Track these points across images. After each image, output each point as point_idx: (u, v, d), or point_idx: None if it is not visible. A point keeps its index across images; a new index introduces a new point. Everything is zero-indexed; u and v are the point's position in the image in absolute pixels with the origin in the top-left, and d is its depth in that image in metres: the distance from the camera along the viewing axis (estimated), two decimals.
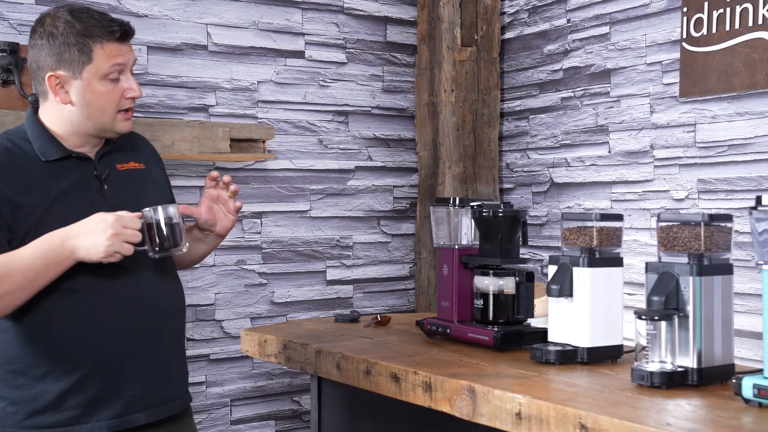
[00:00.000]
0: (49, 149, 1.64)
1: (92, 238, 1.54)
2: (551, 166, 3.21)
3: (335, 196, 3.26)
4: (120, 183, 1.71)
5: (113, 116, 1.66)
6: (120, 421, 1.62)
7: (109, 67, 1.63)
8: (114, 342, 1.61)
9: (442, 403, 1.73)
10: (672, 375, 1.61)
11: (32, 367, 1.59)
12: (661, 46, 2.82)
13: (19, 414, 1.59)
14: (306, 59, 3.18)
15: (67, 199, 1.62)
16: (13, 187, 1.58)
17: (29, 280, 1.53)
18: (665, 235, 1.71)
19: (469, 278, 2.12)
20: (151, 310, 1.67)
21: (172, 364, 1.72)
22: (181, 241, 1.63)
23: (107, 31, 1.62)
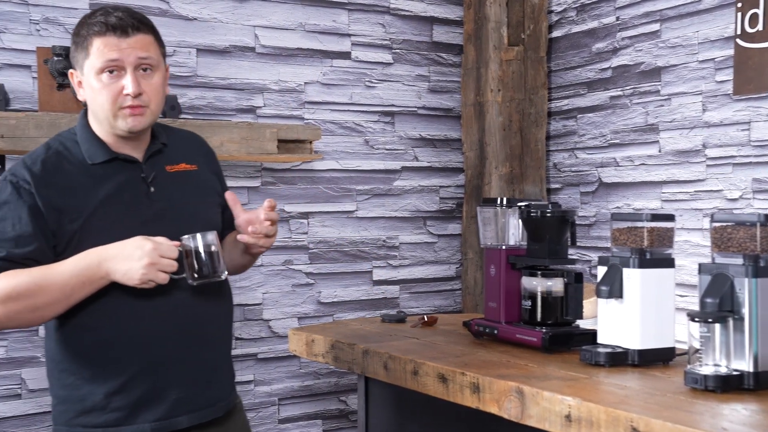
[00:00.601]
0: (95, 152, 1.64)
1: (128, 264, 1.54)
2: (600, 166, 3.17)
3: (381, 197, 3.27)
4: (168, 185, 1.69)
5: (113, 113, 1.60)
6: (163, 424, 1.63)
7: (102, 63, 1.58)
8: (158, 347, 1.62)
9: (490, 405, 1.72)
10: (727, 378, 1.57)
11: (81, 368, 1.61)
12: (713, 42, 2.76)
13: (69, 413, 1.63)
14: (352, 60, 3.19)
15: (112, 203, 1.61)
16: (58, 192, 1.58)
17: (65, 295, 1.55)
18: (719, 235, 1.67)
19: (516, 279, 2.10)
20: (196, 314, 1.67)
21: (216, 368, 1.72)
22: (219, 268, 1.61)
23: (100, 25, 1.58)
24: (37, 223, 1.56)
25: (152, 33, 1.65)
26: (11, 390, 2.60)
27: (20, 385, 2.61)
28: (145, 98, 1.62)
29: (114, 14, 1.59)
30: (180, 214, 1.68)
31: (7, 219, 1.57)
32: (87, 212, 1.59)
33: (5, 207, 1.58)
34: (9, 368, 2.60)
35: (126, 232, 1.59)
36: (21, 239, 1.55)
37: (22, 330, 2.61)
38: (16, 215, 1.56)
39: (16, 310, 1.52)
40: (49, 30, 2.66)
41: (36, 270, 1.54)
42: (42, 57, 2.55)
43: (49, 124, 2.44)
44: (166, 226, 1.64)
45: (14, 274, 1.54)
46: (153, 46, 1.64)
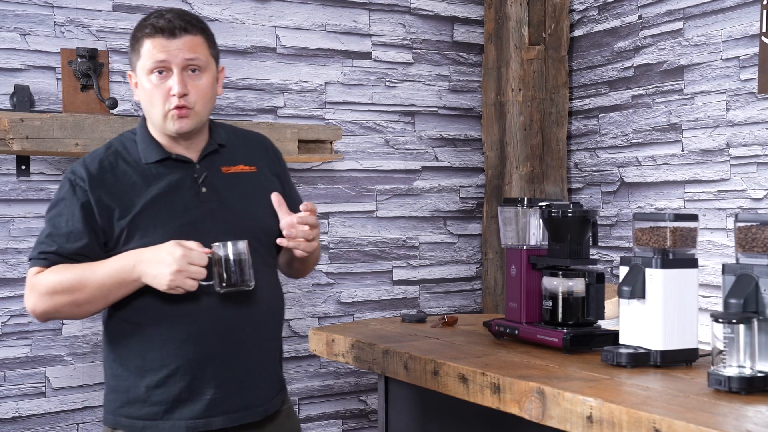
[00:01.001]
0: (150, 152, 1.68)
1: (158, 269, 1.56)
2: (621, 166, 3.14)
3: (402, 197, 3.27)
4: (222, 187, 1.70)
5: (162, 114, 1.64)
6: (198, 423, 1.65)
7: (150, 63, 1.62)
8: (197, 346, 1.64)
9: (510, 405, 1.71)
10: (751, 380, 1.55)
11: (127, 360, 1.66)
12: (738, 41, 2.73)
13: (116, 402, 1.68)
14: (373, 60, 3.20)
15: (160, 202, 1.64)
16: (110, 191, 1.63)
17: (103, 294, 1.60)
18: (743, 235, 1.66)
19: (537, 279, 2.09)
20: (238, 317, 1.67)
21: (251, 372, 1.71)
22: (248, 278, 1.62)
23: (150, 27, 1.62)
24: (87, 220, 1.62)
25: (202, 34, 1.67)
26: (35, 388, 2.63)
27: (44, 384, 2.65)
28: (191, 99, 1.64)
29: (165, 16, 1.63)
30: (230, 216, 1.68)
31: (62, 215, 1.63)
32: (135, 210, 1.62)
33: (62, 203, 1.64)
34: (33, 366, 2.63)
35: (172, 231, 1.61)
36: (72, 235, 1.61)
37: (46, 328, 2.64)
38: (70, 212, 1.62)
39: (61, 303, 1.59)
40: (73, 32, 2.69)
41: (80, 267, 1.60)
42: (66, 59, 2.58)
43: (73, 125, 2.47)
44: (214, 228, 1.65)
45: (62, 268, 1.60)
46: (201, 48, 1.66)
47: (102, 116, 2.52)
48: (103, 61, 2.64)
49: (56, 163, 2.67)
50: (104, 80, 2.64)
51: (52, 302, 1.60)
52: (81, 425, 2.68)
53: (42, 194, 2.65)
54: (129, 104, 2.75)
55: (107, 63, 2.66)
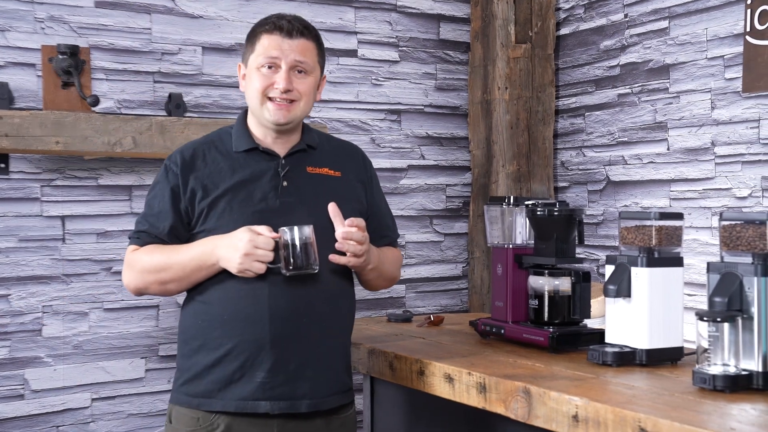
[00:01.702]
0: (241, 141, 1.81)
1: (230, 253, 1.69)
2: (607, 164, 3.14)
3: (388, 195, 3.24)
4: (303, 184, 1.80)
5: (260, 101, 1.77)
6: (246, 404, 1.73)
7: (263, 58, 1.77)
8: (252, 329, 1.72)
9: (496, 405, 1.71)
10: (736, 378, 1.56)
11: (193, 339, 1.77)
12: (723, 40, 2.74)
13: (180, 380, 1.80)
14: (359, 58, 3.18)
15: (241, 189, 1.76)
16: (198, 174, 1.77)
17: (186, 275, 1.74)
18: (728, 234, 1.66)
19: (523, 278, 2.09)
20: (297, 305, 1.74)
21: (310, 364, 1.76)
22: (313, 261, 1.70)
23: (272, 24, 1.78)
24: (174, 202, 1.77)
25: (315, 41, 1.84)
26: (14, 390, 2.60)
27: (23, 386, 2.61)
28: (295, 94, 1.78)
29: (286, 18, 1.80)
30: (307, 212, 1.77)
31: (156, 197, 1.80)
32: (216, 193, 1.76)
33: (158, 186, 1.81)
34: (12, 368, 2.60)
35: (245, 218, 1.73)
36: (161, 215, 1.77)
37: (25, 329, 2.61)
38: (162, 194, 1.79)
39: (150, 281, 1.76)
40: (54, 28, 2.65)
41: (168, 249, 1.75)
42: (47, 55, 2.55)
43: (54, 122, 2.44)
44: (288, 220, 1.73)
45: (153, 249, 1.76)
46: (311, 53, 1.81)
47: (83, 114, 2.49)
48: (85, 58, 2.61)
49: (36, 162, 2.64)
50: (86, 77, 2.61)
51: (143, 280, 1.77)
52: (61, 428, 2.65)
53: (21, 193, 2.62)
54: (111, 102, 2.72)
55: (89, 60, 2.63)
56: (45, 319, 2.64)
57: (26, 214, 2.62)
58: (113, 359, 2.71)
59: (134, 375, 2.75)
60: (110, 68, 2.72)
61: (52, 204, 2.65)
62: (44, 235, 2.64)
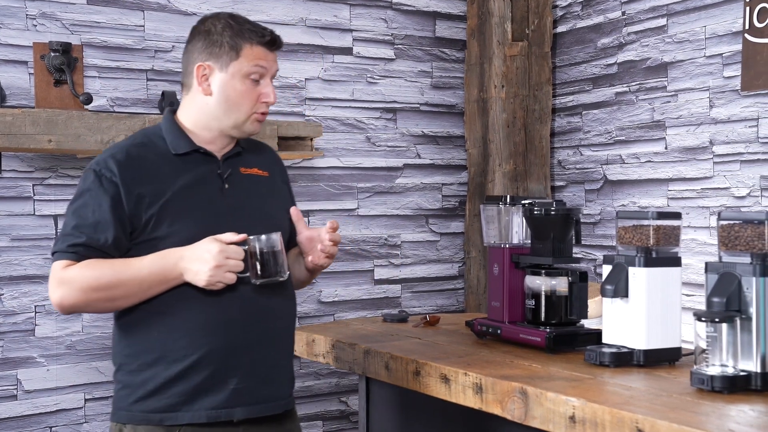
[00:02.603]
0: (179, 143, 1.74)
1: (198, 266, 1.62)
2: (605, 163, 3.13)
3: (383, 195, 3.24)
4: (241, 185, 1.78)
5: (247, 115, 1.74)
6: (219, 413, 1.67)
7: (252, 67, 1.73)
8: (223, 335, 1.67)
9: (493, 405, 1.69)
10: (734, 379, 1.54)
11: (146, 352, 1.67)
12: (721, 37, 2.72)
13: (130, 397, 1.68)
14: (354, 56, 3.16)
15: (188, 193, 1.70)
16: (141, 179, 1.68)
17: (142, 290, 1.65)
18: (726, 234, 1.64)
19: (520, 278, 2.08)
20: (262, 308, 1.71)
21: (276, 365, 1.75)
22: (282, 269, 1.68)
23: (259, 34, 1.74)
24: (115, 210, 1.65)
25: None
26: (7, 391, 2.58)
27: (16, 386, 2.59)
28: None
29: (265, 29, 1.76)
30: (252, 212, 1.76)
31: (88, 206, 1.66)
32: (165, 198, 1.67)
33: (87, 194, 1.67)
34: (5, 369, 2.57)
35: (199, 221, 1.68)
36: (100, 225, 1.64)
37: (18, 329, 2.59)
38: (96, 202, 1.65)
39: (95, 299, 1.63)
40: (45, 25, 2.63)
41: (118, 263, 1.64)
42: (39, 53, 2.53)
43: (46, 120, 2.42)
44: (238, 222, 1.71)
45: (97, 264, 1.63)
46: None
47: (76, 112, 2.47)
48: (77, 55, 2.59)
49: (28, 160, 2.61)
50: (78, 75, 2.58)
51: (86, 298, 1.63)
52: (54, 429, 2.63)
53: (14, 192, 2.59)
54: (104, 100, 2.70)
55: (81, 57, 2.61)
56: (38, 319, 2.61)
57: (19, 213, 2.60)
58: (106, 359, 2.69)
59: None
60: (103, 66, 2.70)
61: (45, 203, 2.63)
62: (37, 234, 2.62)
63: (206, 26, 1.76)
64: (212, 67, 1.73)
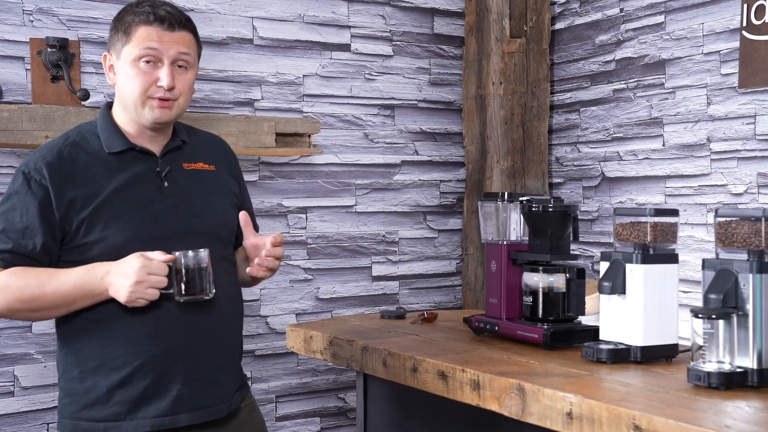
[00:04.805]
0: (113, 142, 1.66)
1: (120, 281, 1.56)
2: (603, 160, 3.13)
3: (381, 191, 3.24)
4: (183, 182, 1.70)
5: (141, 101, 1.63)
6: (164, 420, 1.63)
7: (140, 50, 1.62)
8: (162, 341, 1.63)
9: (490, 402, 1.69)
10: (730, 376, 1.55)
11: (86, 360, 1.63)
12: (719, 35, 2.72)
13: (73, 405, 1.64)
14: (352, 52, 3.16)
15: (123, 194, 1.62)
16: (71, 182, 1.60)
17: (67, 303, 1.59)
18: (723, 230, 1.64)
19: (517, 275, 2.08)
20: (202, 312, 1.66)
21: (220, 368, 1.71)
22: (208, 287, 1.62)
23: (147, 14, 1.62)
24: (44, 215, 1.58)
25: (193, 33, 1.70)
26: (4, 387, 2.57)
27: (13, 383, 2.59)
28: (176, 93, 1.65)
29: (162, 7, 1.64)
30: (192, 211, 1.69)
31: (15, 209, 1.59)
32: (97, 200, 1.60)
33: (15, 197, 1.60)
34: (1, 365, 2.57)
35: (134, 223, 1.61)
36: (27, 231, 1.58)
37: (15, 326, 2.58)
38: (24, 207, 1.58)
39: (18, 309, 1.59)
40: (42, 21, 2.62)
41: (44, 275, 1.57)
42: (35, 48, 2.52)
43: (43, 116, 2.41)
44: (177, 222, 1.66)
45: (23, 274, 1.57)
46: (192, 46, 1.69)
47: (73, 108, 2.47)
48: (74, 51, 2.58)
49: (25, 156, 2.61)
50: (75, 71, 2.58)
51: (9, 307, 1.58)
52: (51, 425, 2.63)
53: None
54: (101, 96, 2.69)
55: (78, 53, 2.60)
56: None
57: None
58: None
59: None
60: (100, 62, 2.69)
61: None
62: None
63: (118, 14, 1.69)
64: (112, 55, 1.67)
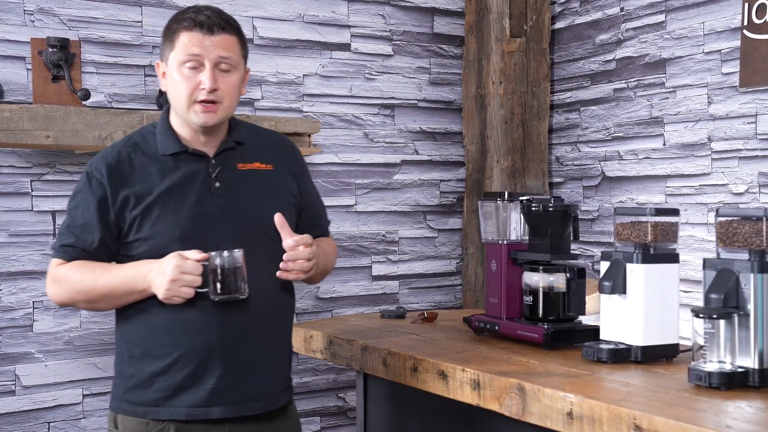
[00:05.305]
0: (167, 144, 1.74)
1: (159, 279, 1.64)
2: (603, 160, 3.13)
3: (381, 191, 3.24)
4: (235, 182, 1.75)
5: (187, 105, 1.70)
6: (197, 411, 1.69)
7: (183, 56, 1.68)
8: (199, 336, 1.69)
9: (490, 402, 1.69)
10: (731, 375, 1.55)
11: (135, 346, 1.72)
12: (720, 34, 2.72)
13: (120, 387, 1.75)
14: (352, 52, 3.16)
15: (173, 194, 1.70)
16: (127, 181, 1.70)
17: (116, 296, 1.70)
18: (724, 230, 1.64)
19: (518, 274, 2.07)
20: (237, 311, 1.70)
21: (259, 365, 1.74)
22: (242, 287, 1.67)
23: (189, 21, 1.69)
24: (101, 213, 1.69)
25: (237, 35, 1.74)
26: (5, 386, 2.58)
27: (14, 382, 2.59)
28: (220, 95, 1.69)
29: (204, 12, 1.70)
30: (241, 212, 1.73)
31: (79, 207, 1.71)
32: (149, 199, 1.69)
33: (79, 195, 1.73)
34: (2, 365, 2.57)
35: (182, 223, 1.69)
36: (87, 227, 1.70)
37: (16, 325, 2.58)
38: (86, 204, 1.70)
39: (77, 300, 1.72)
40: (43, 21, 2.62)
41: (98, 269, 1.69)
42: (36, 48, 2.52)
43: (44, 116, 2.41)
44: (225, 222, 1.71)
45: (81, 267, 1.70)
46: (235, 48, 1.73)
47: (74, 108, 2.47)
48: (75, 51, 2.58)
49: (26, 156, 2.61)
50: (76, 71, 2.58)
51: (70, 297, 1.72)
52: (52, 424, 2.63)
53: (12, 187, 2.59)
54: (101, 96, 2.69)
55: (79, 53, 2.60)
56: (36, 315, 2.61)
57: (16, 209, 2.59)
58: (104, 355, 2.69)
59: None
60: (101, 62, 2.70)
61: (43, 199, 2.63)
62: (35, 230, 2.61)
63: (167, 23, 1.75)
64: (161, 63, 1.75)
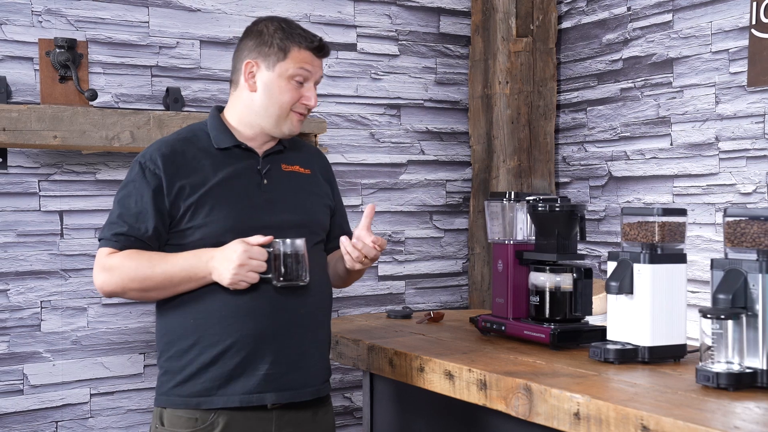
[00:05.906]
0: (222, 138, 1.83)
1: (225, 265, 1.69)
2: (610, 160, 3.12)
3: (387, 191, 3.24)
4: (281, 181, 1.85)
5: (287, 113, 1.82)
6: (251, 398, 1.75)
7: (297, 69, 1.81)
8: (253, 323, 1.74)
9: (497, 402, 1.69)
10: (740, 376, 1.54)
11: (182, 339, 1.76)
12: (727, 33, 2.71)
13: (170, 382, 1.78)
14: (358, 52, 3.16)
15: (226, 185, 1.78)
16: (182, 171, 1.77)
17: (173, 284, 1.74)
18: (732, 230, 1.64)
19: (524, 274, 2.07)
20: (294, 297, 1.77)
21: (305, 352, 1.80)
22: (304, 274, 1.74)
23: (308, 40, 1.83)
24: (156, 202, 1.74)
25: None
26: (13, 386, 2.59)
27: (22, 381, 2.60)
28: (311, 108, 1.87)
29: (312, 35, 1.85)
30: (287, 206, 1.83)
31: (131, 196, 1.76)
32: (204, 189, 1.76)
33: (131, 185, 1.77)
34: (11, 363, 2.58)
35: (235, 213, 1.76)
36: (141, 215, 1.74)
37: (24, 325, 2.59)
38: (139, 193, 1.75)
39: (130, 288, 1.74)
40: (51, 21, 2.63)
41: (155, 257, 1.73)
42: (44, 49, 2.53)
43: (51, 116, 2.42)
44: (272, 215, 1.80)
45: (136, 255, 1.73)
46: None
47: (81, 108, 2.47)
48: (82, 51, 2.59)
49: (34, 156, 2.62)
50: (83, 71, 2.59)
51: (123, 286, 1.73)
52: (60, 423, 2.64)
53: (20, 188, 2.60)
54: (109, 96, 2.70)
55: (86, 54, 2.61)
56: (44, 315, 2.62)
57: (24, 209, 2.60)
58: (112, 355, 2.70)
59: (133, 371, 2.73)
60: (108, 62, 2.70)
61: (51, 199, 2.64)
62: (42, 230, 2.62)
63: (259, 27, 1.85)
64: (260, 65, 1.82)
